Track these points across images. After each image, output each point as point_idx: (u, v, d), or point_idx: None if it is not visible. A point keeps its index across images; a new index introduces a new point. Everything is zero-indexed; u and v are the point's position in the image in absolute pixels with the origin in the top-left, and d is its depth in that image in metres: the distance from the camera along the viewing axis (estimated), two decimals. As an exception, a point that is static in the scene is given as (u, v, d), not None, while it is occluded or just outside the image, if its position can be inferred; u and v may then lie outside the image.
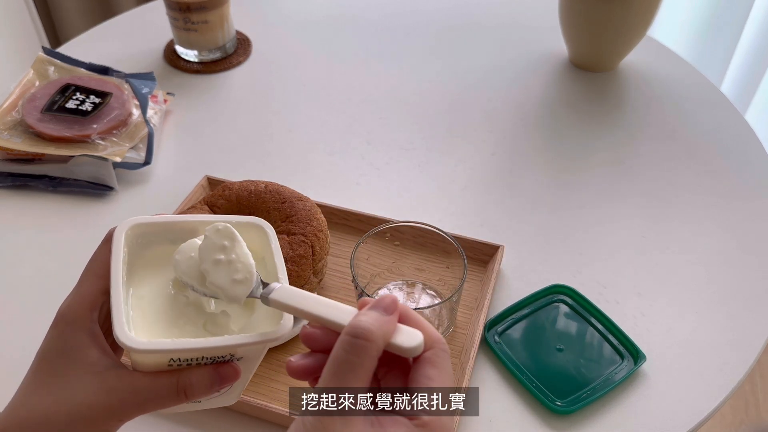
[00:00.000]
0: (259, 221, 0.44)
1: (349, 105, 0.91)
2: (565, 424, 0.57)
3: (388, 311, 0.35)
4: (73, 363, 0.38)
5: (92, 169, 0.76)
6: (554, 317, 0.64)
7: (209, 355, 0.38)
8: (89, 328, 0.39)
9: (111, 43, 1.01)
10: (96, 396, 0.37)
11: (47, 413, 0.37)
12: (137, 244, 0.42)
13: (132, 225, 0.41)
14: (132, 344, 0.36)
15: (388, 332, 0.34)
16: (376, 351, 0.33)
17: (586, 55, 0.95)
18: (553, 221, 0.75)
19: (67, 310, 0.39)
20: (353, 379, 0.32)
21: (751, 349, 0.62)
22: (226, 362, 0.39)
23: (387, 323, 0.34)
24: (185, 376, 0.38)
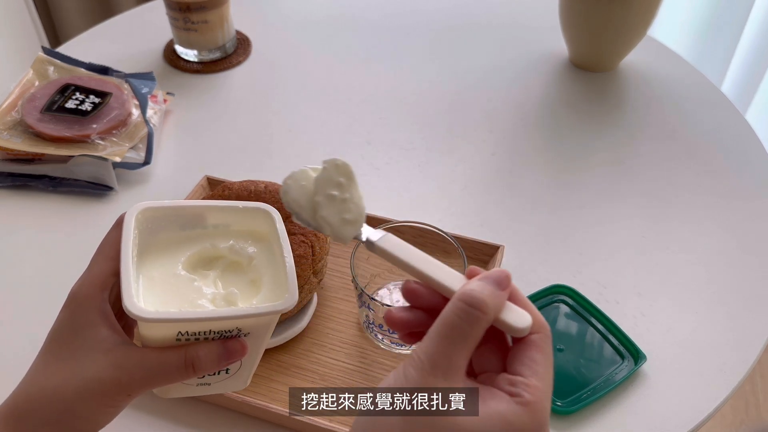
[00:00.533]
0: (265, 206, 0.45)
1: (349, 105, 0.91)
2: (565, 424, 0.57)
3: (501, 286, 0.35)
4: (83, 341, 0.39)
5: (92, 169, 0.76)
6: (554, 317, 0.64)
7: (216, 329, 0.39)
8: (100, 308, 0.39)
9: (111, 43, 1.01)
10: (105, 371, 0.38)
11: (57, 389, 0.38)
12: (147, 229, 0.43)
13: (142, 209, 0.42)
14: (140, 313, 0.37)
15: (500, 307, 0.35)
16: (486, 323, 0.34)
17: (586, 55, 0.95)
18: (553, 221, 0.75)
19: (78, 291, 0.40)
20: (462, 346, 0.33)
21: (751, 349, 0.62)
22: (233, 337, 0.40)
23: (500, 298, 0.35)
24: (193, 349, 0.39)
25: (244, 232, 0.45)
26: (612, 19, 0.88)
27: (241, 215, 0.45)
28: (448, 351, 0.33)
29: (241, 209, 0.44)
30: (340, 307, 0.65)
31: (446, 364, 0.33)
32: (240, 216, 0.45)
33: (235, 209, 0.45)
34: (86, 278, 0.41)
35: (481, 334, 0.34)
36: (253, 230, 0.45)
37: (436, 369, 0.33)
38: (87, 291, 0.40)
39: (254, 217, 0.45)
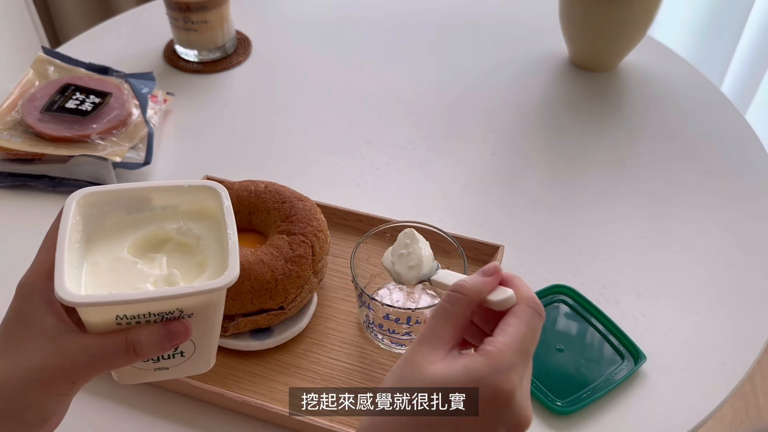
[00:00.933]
0: (211, 184, 0.44)
1: (349, 105, 0.91)
2: (565, 424, 0.57)
3: (486, 273, 0.40)
4: (29, 330, 0.39)
5: (92, 169, 0.76)
6: (554, 317, 0.64)
7: (155, 310, 0.38)
8: (45, 296, 0.39)
9: (111, 43, 1.01)
10: (49, 359, 0.38)
11: (3, 377, 0.38)
12: (93, 214, 0.42)
13: (84, 194, 0.42)
14: (70, 298, 0.36)
15: (483, 290, 0.40)
16: (467, 302, 0.39)
17: (587, 55, 0.95)
18: (553, 221, 0.75)
19: (24, 281, 0.41)
20: (445, 321, 0.38)
21: (751, 349, 0.62)
22: (176, 319, 0.39)
23: (483, 283, 0.40)
24: (134, 333, 0.38)
25: (193, 211, 0.44)
26: (612, 19, 0.88)
27: (188, 194, 0.44)
28: (432, 325, 0.38)
29: (186, 188, 0.43)
30: (340, 307, 0.65)
31: (430, 335, 0.38)
32: (186, 195, 0.44)
33: (181, 189, 0.44)
34: (32, 268, 0.41)
35: (464, 312, 0.39)
36: (201, 209, 0.44)
37: (422, 339, 0.38)
38: (33, 280, 0.40)
39: (201, 195, 0.44)
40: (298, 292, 0.60)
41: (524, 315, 0.39)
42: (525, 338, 0.37)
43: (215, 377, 0.59)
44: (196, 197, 0.44)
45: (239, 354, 0.61)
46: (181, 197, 0.44)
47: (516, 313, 0.39)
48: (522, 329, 0.38)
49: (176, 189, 0.44)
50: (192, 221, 0.44)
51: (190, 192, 0.44)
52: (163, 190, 0.44)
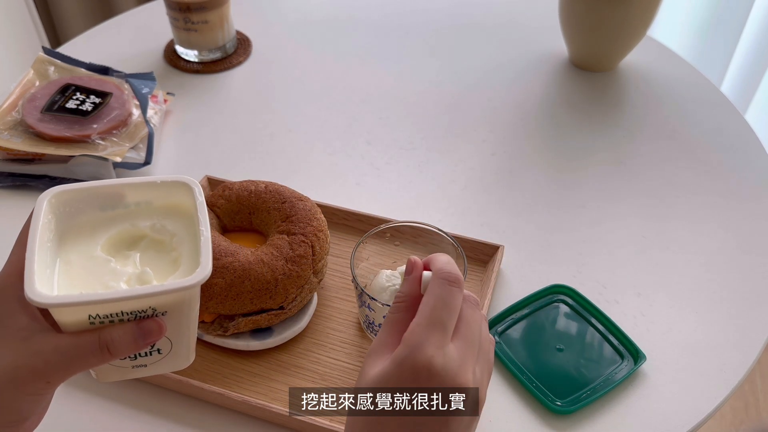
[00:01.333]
0: (184, 179, 0.44)
1: (349, 105, 0.91)
2: (565, 424, 0.57)
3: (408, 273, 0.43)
4: (2, 330, 0.39)
5: (92, 169, 0.76)
6: (554, 317, 0.64)
7: (127, 309, 0.38)
8: (18, 296, 0.39)
9: (111, 43, 1.01)
10: (22, 359, 0.38)
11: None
12: (65, 213, 0.42)
13: (55, 192, 0.41)
14: (39, 299, 0.36)
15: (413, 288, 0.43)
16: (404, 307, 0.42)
17: (586, 55, 0.95)
18: (553, 221, 0.75)
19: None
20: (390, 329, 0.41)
21: (751, 349, 0.63)
22: (149, 317, 0.39)
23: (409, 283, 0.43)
24: (107, 332, 0.38)
25: (168, 207, 0.44)
26: (612, 19, 0.88)
27: (162, 190, 0.43)
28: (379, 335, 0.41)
29: (159, 184, 0.43)
30: (340, 307, 0.65)
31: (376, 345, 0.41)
32: (160, 191, 0.44)
33: (154, 185, 0.43)
34: (5, 268, 0.40)
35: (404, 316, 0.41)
36: (175, 205, 0.44)
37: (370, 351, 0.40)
38: (6, 280, 0.40)
39: (175, 191, 0.43)
40: (299, 292, 0.60)
41: (432, 288, 0.40)
42: (434, 309, 0.39)
43: (215, 377, 0.59)
44: (170, 193, 0.43)
45: (239, 354, 0.61)
46: (154, 193, 0.44)
47: (427, 289, 0.41)
48: (430, 302, 0.40)
49: (150, 185, 0.43)
50: (166, 218, 0.44)
51: (163, 188, 0.43)
52: (136, 186, 0.43)
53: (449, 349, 0.38)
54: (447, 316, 0.39)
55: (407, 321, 0.40)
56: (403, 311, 0.41)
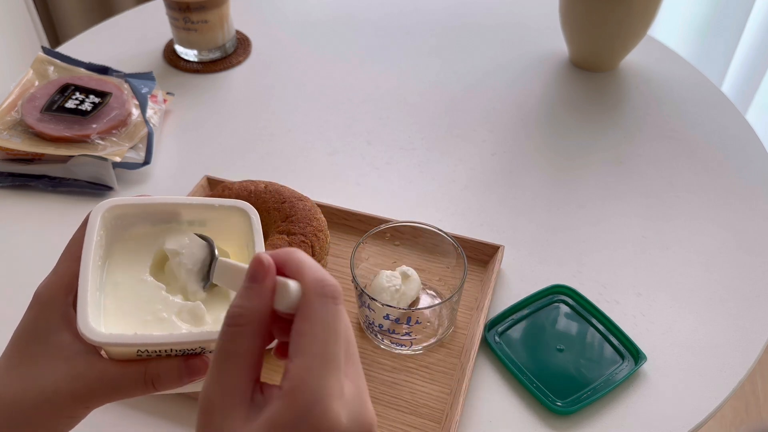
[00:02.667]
0: (242, 204, 0.43)
1: (349, 105, 0.91)
2: (565, 425, 0.57)
3: (256, 279, 0.32)
4: (44, 346, 0.37)
5: (92, 169, 0.76)
6: (554, 317, 0.64)
7: (177, 348, 0.38)
8: (63, 312, 0.38)
9: (111, 42, 1.01)
10: (63, 381, 0.37)
11: (15, 397, 0.37)
12: (116, 225, 0.41)
13: (109, 207, 0.41)
14: (94, 337, 0.35)
15: (263, 304, 0.31)
16: (251, 332, 0.31)
17: (587, 55, 0.95)
18: (553, 221, 0.75)
19: (42, 292, 0.39)
20: (230, 366, 0.31)
21: (751, 349, 0.62)
22: (196, 354, 0.39)
23: (258, 295, 0.31)
24: (153, 366, 0.37)
25: (221, 230, 0.43)
26: (612, 19, 0.88)
27: (217, 212, 0.43)
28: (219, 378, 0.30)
29: (216, 207, 0.42)
30: (340, 307, 0.65)
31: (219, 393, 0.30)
32: (216, 213, 0.43)
33: (211, 207, 0.43)
34: (51, 279, 0.39)
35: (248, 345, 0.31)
36: (229, 228, 0.43)
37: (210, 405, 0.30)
38: (51, 293, 0.38)
39: (230, 215, 0.43)
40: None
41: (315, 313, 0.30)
42: (325, 345, 0.30)
43: (215, 377, 0.59)
44: (226, 216, 0.43)
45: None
46: (209, 214, 0.43)
47: (304, 314, 0.30)
48: (317, 333, 0.30)
49: (206, 207, 0.43)
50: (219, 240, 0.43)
51: (220, 210, 0.42)
52: (192, 206, 0.43)
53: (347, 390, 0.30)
54: (339, 347, 0.30)
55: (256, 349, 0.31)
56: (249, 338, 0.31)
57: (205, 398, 0.30)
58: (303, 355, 0.29)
